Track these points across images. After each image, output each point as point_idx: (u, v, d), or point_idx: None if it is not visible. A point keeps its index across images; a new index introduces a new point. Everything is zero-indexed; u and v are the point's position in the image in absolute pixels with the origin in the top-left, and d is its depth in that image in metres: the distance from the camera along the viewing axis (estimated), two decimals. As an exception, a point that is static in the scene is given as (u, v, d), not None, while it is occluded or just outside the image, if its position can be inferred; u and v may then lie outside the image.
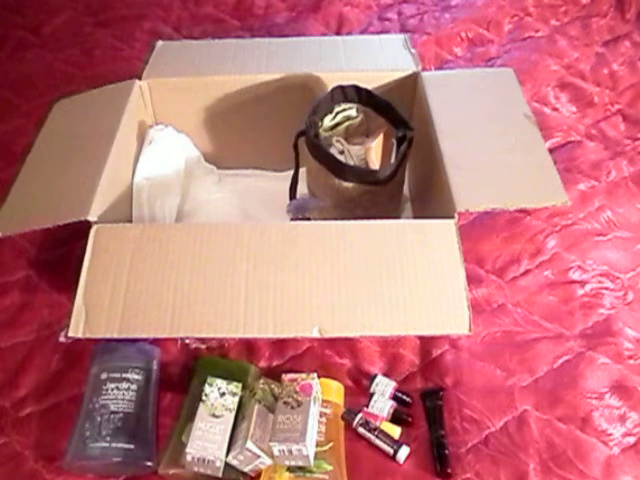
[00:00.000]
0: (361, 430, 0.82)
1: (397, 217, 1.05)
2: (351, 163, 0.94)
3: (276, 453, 0.73)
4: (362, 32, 1.49)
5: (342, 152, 0.95)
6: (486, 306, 0.97)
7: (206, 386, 0.79)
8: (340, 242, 0.81)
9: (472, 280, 0.95)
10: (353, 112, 0.99)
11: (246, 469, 0.77)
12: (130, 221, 0.98)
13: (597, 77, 1.36)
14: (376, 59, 1.07)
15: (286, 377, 0.79)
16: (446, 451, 0.81)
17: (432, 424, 0.84)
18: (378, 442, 0.81)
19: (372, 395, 0.86)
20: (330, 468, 0.76)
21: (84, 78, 1.38)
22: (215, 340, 0.92)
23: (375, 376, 0.88)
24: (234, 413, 0.78)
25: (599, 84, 1.34)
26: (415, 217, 1.08)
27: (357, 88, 0.97)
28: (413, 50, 1.08)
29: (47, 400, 0.88)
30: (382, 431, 0.82)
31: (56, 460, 0.81)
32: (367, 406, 0.85)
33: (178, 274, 0.79)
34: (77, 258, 0.81)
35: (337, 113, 0.98)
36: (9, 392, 0.89)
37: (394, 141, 0.94)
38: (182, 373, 0.90)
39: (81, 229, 0.82)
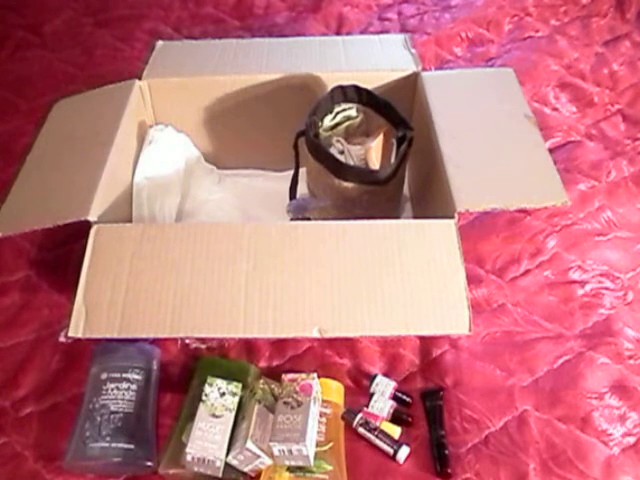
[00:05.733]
0: (361, 430, 0.82)
1: (397, 217, 1.05)
2: (351, 163, 0.94)
3: (276, 453, 0.73)
4: (362, 32, 1.49)
5: (342, 152, 0.95)
6: (486, 306, 0.97)
7: (206, 386, 0.79)
8: (340, 242, 0.81)
9: (472, 280, 0.95)
10: (353, 112, 0.99)
11: (246, 469, 0.77)
12: (130, 221, 0.98)
13: (597, 77, 1.36)
14: (376, 59, 1.07)
15: (286, 377, 0.79)
16: (446, 451, 0.81)
17: (432, 424, 0.84)
18: (378, 442, 0.81)
19: (372, 395, 0.86)
20: (330, 468, 0.76)
21: (84, 78, 1.38)
22: (215, 340, 0.92)
23: (375, 376, 0.88)
24: (234, 413, 0.78)
25: (599, 84, 1.34)
26: (415, 217, 1.08)
27: (357, 88, 0.97)
28: (413, 50, 1.08)
29: (47, 400, 0.88)
30: (382, 431, 0.82)
31: (56, 460, 0.80)
32: (367, 406, 0.85)
33: (178, 274, 0.79)
34: (77, 258, 0.81)
35: (337, 113, 0.98)
36: (9, 392, 0.89)
37: (394, 141, 0.94)
38: (182, 373, 0.90)
39: (81, 229, 0.82)
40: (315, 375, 0.79)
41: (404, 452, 0.80)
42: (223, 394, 0.79)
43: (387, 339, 0.93)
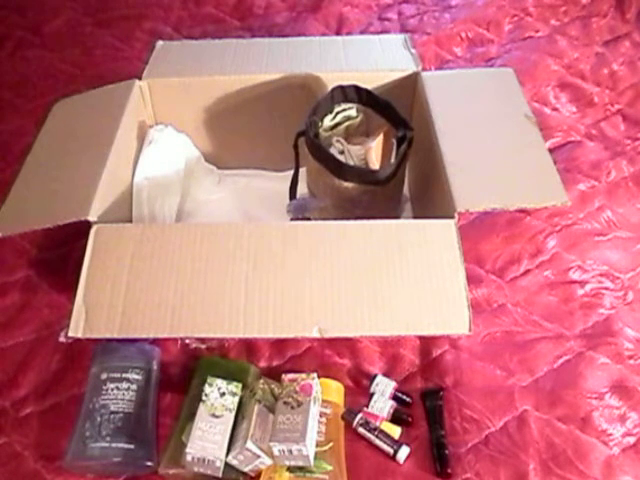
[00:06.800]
0: (361, 430, 0.82)
1: (397, 217, 1.05)
2: (351, 163, 0.94)
3: (276, 453, 0.73)
4: (362, 32, 1.49)
5: (342, 152, 0.95)
6: (486, 306, 0.97)
7: (206, 386, 0.79)
8: (340, 242, 0.81)
9: (472, 280, 0.95)
10: (353, 112, 0.99)
11: (246, 469, 0.77)
12: (130, 221, 0.98)
13: (597, 77, 1.36)
14: (376, 59, 1.07)
15: (286, 377, 0.79)
16: (446, 451, 0.81)
17: (432, 424, 0.84)
18: (378, 442, 0.81)
19: (372, 395, 0.86)
20: (330, 468, 0.76)
21: (84, 78, 1.38)
22: (215, 340, 0.92)
23: (375, 376, 0.88)
24: (234, 413, 0.78)
25: (599, 84, 1.34)
26: (415, 217, 1.08)
27: (357, 88, 0.97)
28: (413, 50, 1.08)
29: (47, 400, 0.88)
30: (382, 431, 0.82)
31: (56, 460, 0.80)
32: (367, 406, 0.85)
33: (178, 274, 0.79)
34: (77, 258, 0.81)
35: (337, 113, 0.98)
36: (9, 392, 0.89)
37: (394, 141, 0.94)
38: (182, 373, 0.90)
39: (81, 229, 0.82)
40: (315, 375, 0.79)
41: (404, 452, 0.80)
42: (223, 394, 0.79)
43: (387, 339, 0.93)
